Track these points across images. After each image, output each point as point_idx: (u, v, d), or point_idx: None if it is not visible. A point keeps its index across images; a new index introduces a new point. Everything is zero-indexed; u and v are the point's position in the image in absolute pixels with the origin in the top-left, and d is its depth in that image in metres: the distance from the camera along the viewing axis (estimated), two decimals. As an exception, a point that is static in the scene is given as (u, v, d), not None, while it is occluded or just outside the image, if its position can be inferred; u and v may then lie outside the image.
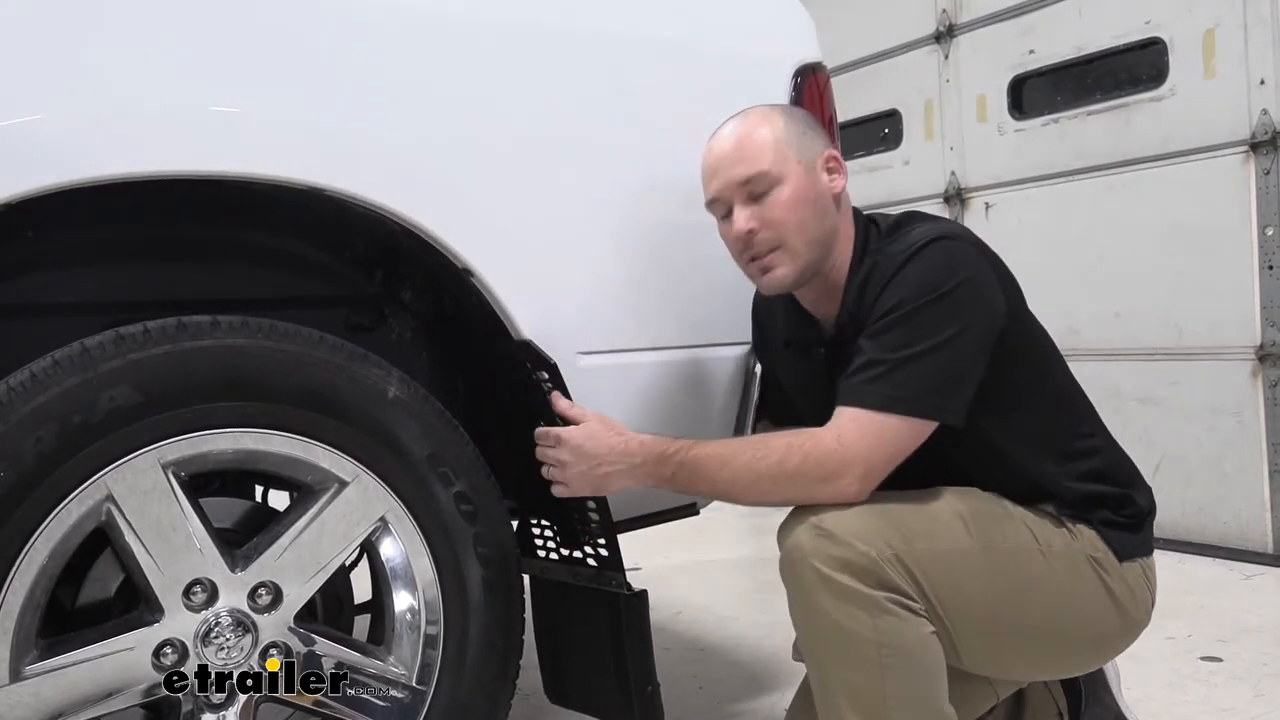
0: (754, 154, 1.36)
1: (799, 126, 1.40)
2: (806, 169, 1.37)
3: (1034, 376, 1.38)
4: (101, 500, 1.13)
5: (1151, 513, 1.43)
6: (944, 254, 1.29)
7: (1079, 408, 1.44)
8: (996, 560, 1.29)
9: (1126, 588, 1.35)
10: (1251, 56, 3.02)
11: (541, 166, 1.41)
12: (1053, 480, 1.36)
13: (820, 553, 1.22)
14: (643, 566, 3.18)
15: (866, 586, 1.21)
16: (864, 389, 1.26)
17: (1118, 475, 1.41)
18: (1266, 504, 3.08)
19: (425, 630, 1.34)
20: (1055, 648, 1.36)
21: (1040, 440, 1.37)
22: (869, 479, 1.26)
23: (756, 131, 1.37)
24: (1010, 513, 1.34)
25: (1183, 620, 2.57)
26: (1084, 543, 1.34)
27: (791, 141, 1.37)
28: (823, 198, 1.39)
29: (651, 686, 1.42)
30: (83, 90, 1.10)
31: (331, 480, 1.27)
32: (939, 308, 1.25)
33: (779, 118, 1.39)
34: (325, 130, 1.24)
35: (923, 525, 1.26)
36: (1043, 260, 3.62)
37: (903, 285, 1.28)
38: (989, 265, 1.32)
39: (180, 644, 1.19)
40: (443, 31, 1.34)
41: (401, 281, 1.54)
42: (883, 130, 4.27)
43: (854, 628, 1.21)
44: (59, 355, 1.11)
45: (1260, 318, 3.06)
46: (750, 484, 1.28)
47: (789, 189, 1.35)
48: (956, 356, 1.26)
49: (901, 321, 1.27)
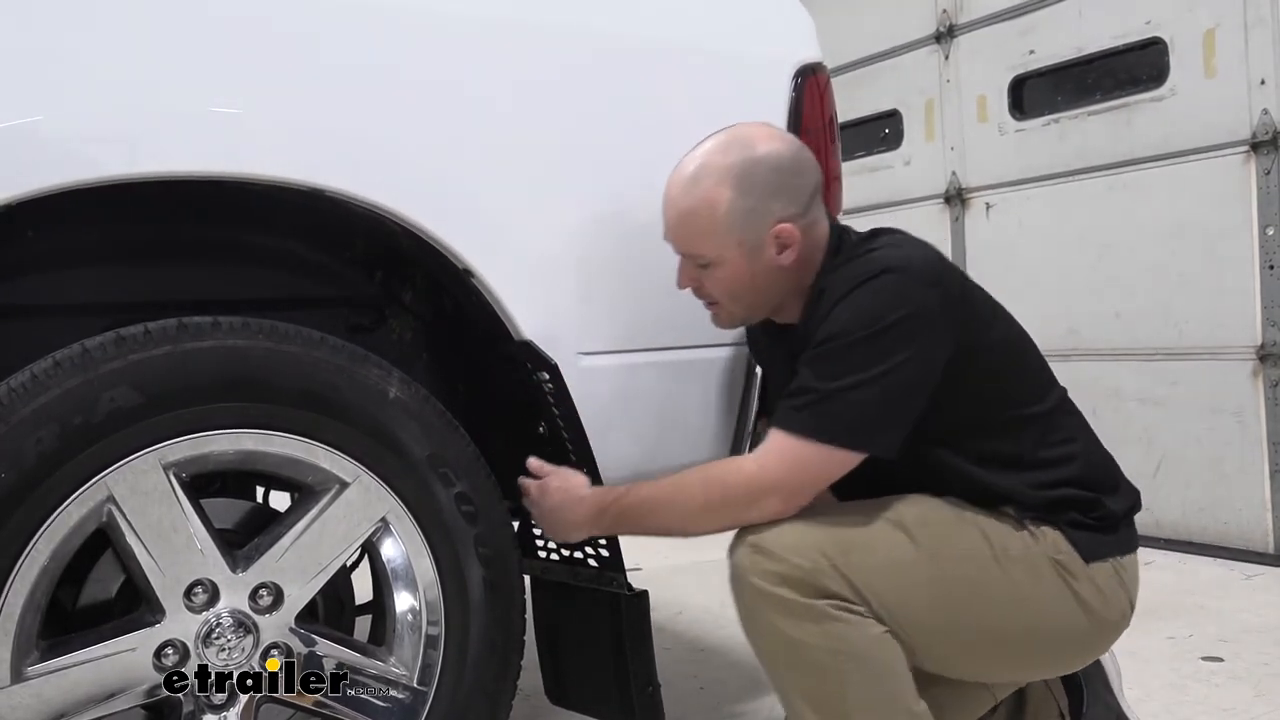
0: (691, 234, 1.36)
1: (750, 201, 1.34)
2: (749, 250, 1.35)
3: (996, 401, 1.35)
4: (102, 501, 1.13)
5: (1129, 513, 1.40)
6: (886, 289, 1.28)
7: (1051, 420, 1.39)
8: (943, 568, 1.29)
9: (1094, 589, 1.32)
10: (1252, 56, 3.02)
11: (541, 167, 1.41)
12: (1014, 489, 1.34)
13: (758, 569, 1.26)
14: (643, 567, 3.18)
15: (806, 597, 1.23)
16: (791, 415, 1.28)
17: (1090, 480, 1.37)
18: (1267, 504, 3.08)
19: (426, 631, 1.34)
20: (1017, 650, 1.34)
21: (1001, 458, 1.35)
22: (791, 501, 1.28)
23: (700, 213, 1.34)
24: (962, 518, 1.33)
25: (1183, 620, 2.57)
26: (1046, 545, 1.32)
27: (735, 223, 1.34)
28: (763, 275, 1.37)
29: (652, 687, 1.42)
30: (83, 91, 1.11)
31: (332, 481, 1.27)
32: (873, 343, 1.25)
33: (728, 191, 1.33)
34: (325, 131, 1.24)
35: (862, 537, 1.28)
36: (1043, 260, 3.62)
37: (841, 317, 1.28)
38: (937, 299, 1.28)
39: (181, 645, 1.19)
40: (442, 32, 1.34)
41: (402, 282, 1.54)
42: (883, 130, 4.27)
43: (802, 638, 1.24)
44: (60, 356, 1.11)
45: (1261, 318, 3.06)
46: (683, 522, 1.33)
47: (726, 271, 1.36)
48: (887, 392, 1.26)
49: (834, 353, 1.28)
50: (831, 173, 1.67)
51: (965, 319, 1.32)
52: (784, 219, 1.35)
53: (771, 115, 1.61)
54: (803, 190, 1.37)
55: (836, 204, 1.69)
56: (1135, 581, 1.39)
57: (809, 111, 1.64)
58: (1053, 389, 1.42)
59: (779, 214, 1.35)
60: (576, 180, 1.44)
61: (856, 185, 4.22)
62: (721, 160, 1.34)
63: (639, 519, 1.35)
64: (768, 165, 1.35)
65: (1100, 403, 3.44)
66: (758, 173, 1.34)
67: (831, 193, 1.67)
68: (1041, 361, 1.44)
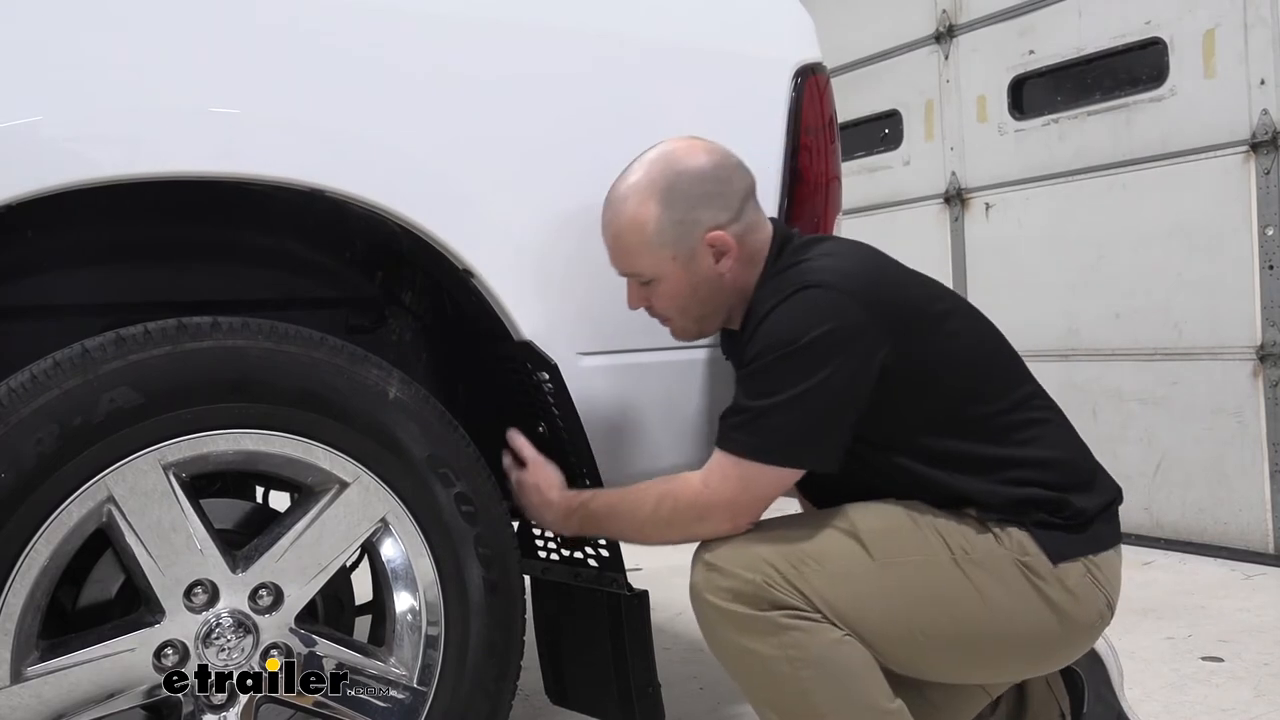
0: (628, 254, 1.38)
1: (677, 213, 1.35)
2: (684, 262, 1.37)
3: (947, 402, 1.34)
4: (102, 501, 1.13)
5: (1105, 510, 1.37)
6: (806, 305, 1.28)
7: (1014, 419, 1.37)
8: (898, 575, 1.29)
9: (1064, 590, 1.31)
10: (1252, 56, 3.02)
11: (541, 167, 1.41)
12: (974, 490, 1.33)
13: (711, 586, 1.29)
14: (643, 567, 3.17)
15: (759, 610, 1.26)
16: (728, 435, 1.31)
17: (1057, 479, 1.35)
18: (1267, 504, 3.08)
19: (426, 631, 1.34)
20: (985, 653, 1.33)
21: (956, 459, 1.34)
22: (739, 519, 1.31)
23: (631, 233, 1.36)
24: (919, 523, 1.32)
25: (1183, 620, 2.57)
26: (1011, 546, 1.31)
27: (665, 239, 1.35)
28: (704, 285, 1.39)
29: (652, 687, 1.43)
30: (83, 91, 1.11)
31: (332, 481, 1.27)
32: (796, 360, 1.26)
33: (653, 208, 1.34)
34: (325, 131, 1.24)
35: (813, 549, 1.29)
36: (1042, 260, 3.62)
37: (763, 335, 1.30)
38: (860, 311, 1.27)
39: (181, 645, 1.19)
40: (442, 32, 1.34)
41: (402, 283, 1.54)
42: (883, 130, 4.27)
43: (761, 649, 1.26)
44: (59, 356, 1.11)
45: (1260, 318, 3.06)
46: (638, 530, 1.37)
47: (667, 285, 1.38)
48: (814, 408, 1.26)
49: (760, 372, 1.29)
50: (831, 173, 1.67)
51: (900, 325, 1.30)
52: (715, 227, 1.36)
53: (771, 115, 1.61)
54: (732, 196, 1.38)
55: (836, 204, 1.69)
56: (1114, 579, 1.37)
57: (809, 111, 1.64)
58: (1018, 386, 1.39)
59: (709, 223, 1.36)
60: (576, 180, 1.44)
61: (856, 185, 4.22)
62: (645, 178, 1.36)
63: (600, 526, 1.40)
64: (691, 176, 1.36)
65: (1100, 403, 3.44)
66: (681, 185, 1.35)
67: (830, 193, 1.67)
68: (1008, 359, 1.42)
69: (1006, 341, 1.44)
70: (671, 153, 1.38)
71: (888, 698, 1.28)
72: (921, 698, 1.43)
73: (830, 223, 1.68)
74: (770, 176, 1.59)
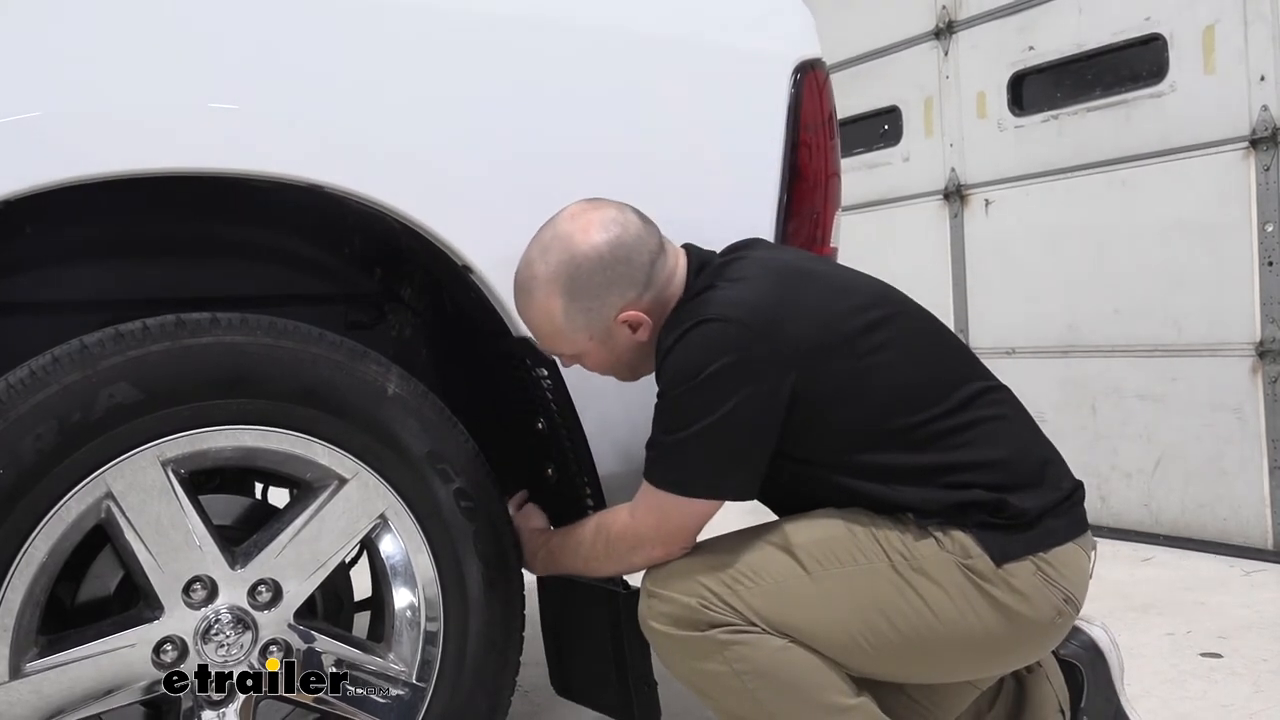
0: (546, 340, 1.37)
1: (584, 302, 1.32)
2: (601, 339, 1.36)
3: (869, 417, 1.31)
4: (101, 498, 1.13)
5: (1055, 508, 1.33)
6: (702, 340, 1.27)
7: (948, 423, 1.33)
8: (835, 585, 1.29)
9: (1010, 590, 1.28)
10: (1252, 53, 3.02)
11: (540, 163, 1.41)
12: (910, 498, 1.30)
13: (654, 613, 1.32)
14: (643, 563, 3.18)
15: (699, 631, 1.28)
16: (649, 468, 1.32)
17: (999, 479, 1.31)
18: (1266, 500, 3.08)
19: (425, 627, 1.34)
20: (934, 656, 1.31)
21: (886, 471, 1.32)
22: (670, 546, 1.33)
23: (544, 324, 1.35)
24: (855, 533, 1.31)
25: (1182, 616, 2.57)
26: (954, 549, 1.29)
27: (578, 325, 1.34)
28: (626, 352, 1.39)
29: (649, 684, 1.43)
30: (81, 87, 1.10)
31: (331, 477, 1.27)
32: (697, 395, 1.26)
33: (559, 300, 1.32)
34: (324, 127, 1.24)
35: (747, 566, 1.30)
36: (1042, 257, 3.62)
37: (665, 372, 1.30)
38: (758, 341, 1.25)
39: (180, 641, 1.19)
40: (442, 28, 1.34)
41: (401, 279, 1.54)
42: (882, 127, 4.27)
43: (708, 668, 1.28)
44: (58, 352, 1.11)
45: (1260, 314, 3.06)
46: (585, 564, 1.39)
47: (591, 360, 1.39)
48: (722, 441, 1.27)
49: (666, 409, 1.30)
50: (830, 169, 1.67)
51: (805, 351, 1.28)
52: (625, 306, 1.34)
53: (771, 111, 1.61)
54: (637, 270, 1.34)
55: (835, 201, 1.69)
56: (1073, 574, 1.33)
57: (808, 107, 1.64)
58: (958, 388, 1.35)
59: (618, 304, 1.34)
60: (576, 176, 1.44)
61: (856, 182, 4.22)
62: (546, 271, 1.32)
63: (559, 565, 1.43)
64: (590, 265, 1.32)
65: (1100, 399, 3.44)
66: (582, 276, 1.32)
67: (830, 189, 1.67)
68: (949, 362, 1.38)
69: (952, 341, 1.42)
70: (568, 238, 1.32)
71: (844, 694, 1.28)
72: (905, 696, 1.43)
73: (829, 219, 1.68)
74: (769, 173, 1.59)
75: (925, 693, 1.44)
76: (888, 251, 4.10)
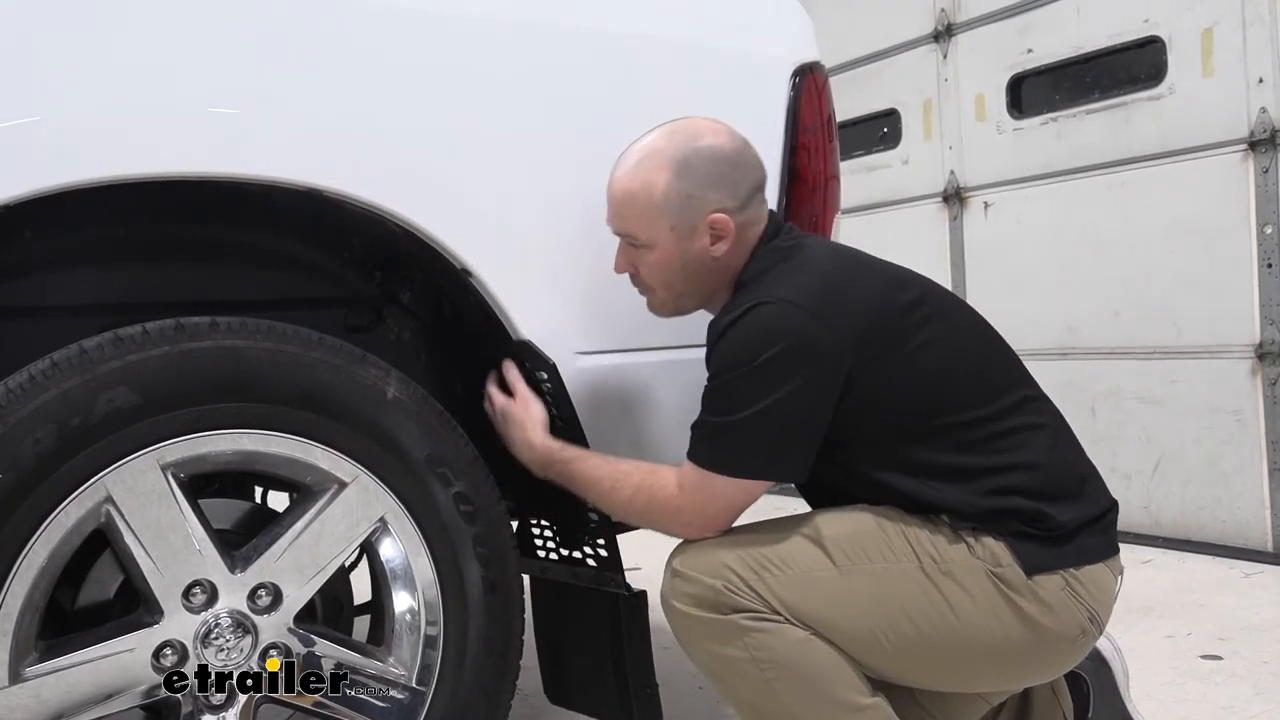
0: (628, 214, 1.38)
1: (688, 186, 1.35)
2: (681, 236, 1.37)
3: (918, 410, 1.32)
4: (100, 502, 1.13)
5: (1090, 524, 1.33)
6: (760, 324, 1.28)
7: (994, 426, 1.34)
8: (862, 581, 1.28)
9: (1038, 602, 1.28)
10: (1250, 55, 3.02)
11: (540, 166, 1.41)
12: (949, 500, 1.31)
13: (677, 593, 1.32)
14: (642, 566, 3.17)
15: (721, 614, 1.27)
16: (696, 448, 1.32)
17: (1038, 489, 1.32)
18: (1266, 502, 3.08)
19: (425, 631, 1.34)
20: (953, 662, 1.31)
21: (930, 468, 1.32)
22: (710, 526, 1.33)
23: (638, 194, 1.36)
24: (887, 531, 1.31)
25: (1182, 619, 2.57)
26: (985, 556, 1.28)
27: (669, 208, 1.35)
28: (694, 262, 1.39)
29: (650, 687, 1.42)
30: (81, 91, 1.10)
31: (331, 481, 1.27)
32: (753, 378, 1.27)
33: (667, 175, 1.35)
34: (323, 131, 1.24)
35: (776, 555, 1.29)
36: (1041, 259, 3.62)
37: (720, 354, 1.31)
38: (816, 325, 1.27)
39: (180, 645, 1.19)
40: (441, 31, 1.34)
41: (400, 282, 1.54)
42: (881, 130, 4.27)
43: (728, 653, 1.28)
44: (57, 357, 1.11)
45: (1259, 316, 3.06)
46: (610, 508, 1.39)
47: (656, 255, 1.38)
48: (776, 423, 1.27)
49: (720, 390, 1.30)
50: (829, 172, 1.67)
51: (862, 339, 1.29)
52: (720, 210, 1.37)
53: (770, 114, 1.61)
54: (741, 184, 1.38)
55: (834, 203, 1.69)
56: (1101, 594, 1.33)
57: (807, 110, 1.64)
58: (1006, 393, 1.36)
59: (715, 204, 1.37)
60: (574, 179, 1.44)
61: (855, 184, 4.22)
62: (664, 147, 1.36)
63: (574, 485, 1.39)
64: (708, 156, 1.37)
65: (1099, 402, 3.44)
66: (698, 162, 1.36)
67: (829, 192, 1.67)
68: (997, 365, 1.39)
69: (1002, 346, 1.42)
70: (694, 129, 1.38)
71: (860, 693, 1.28)
72: (916, 704, 1.43)
73: (828, 222, 1.68)
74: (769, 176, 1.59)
75: (936, 702, 1.43)
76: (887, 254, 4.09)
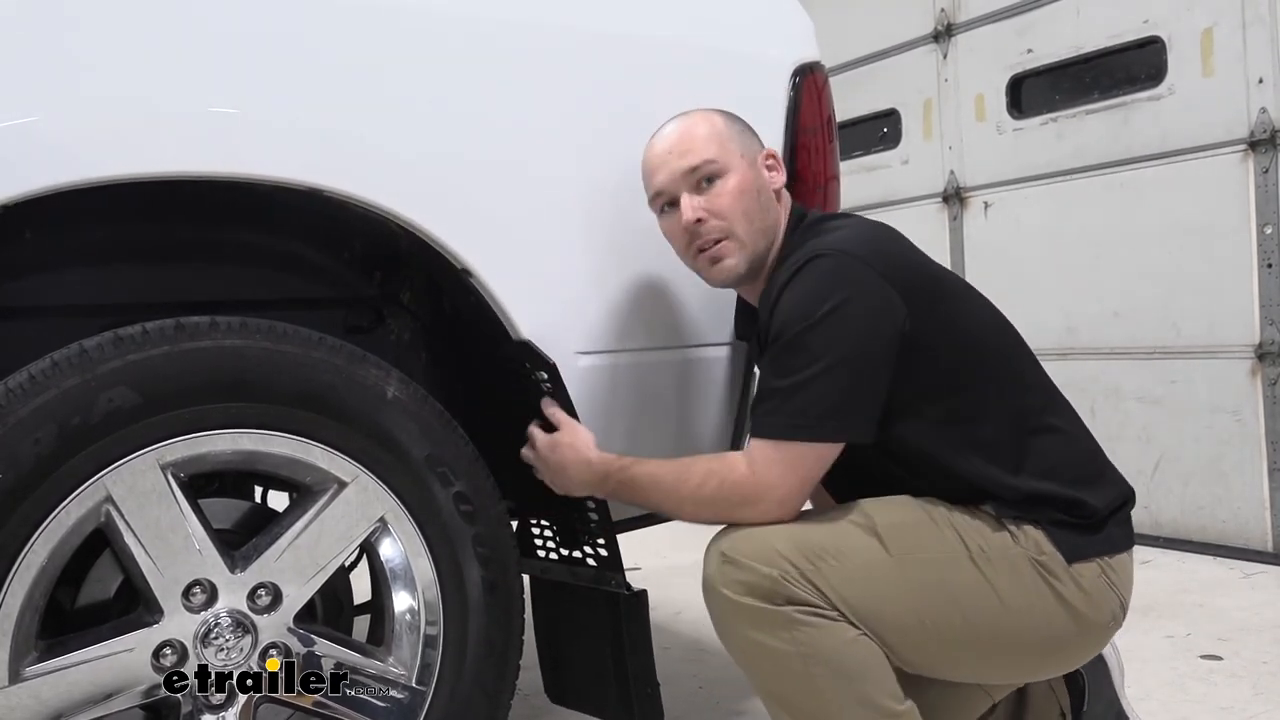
0: (700, 145, 1.40)
1: (739, 125, 1.45)
2: (749, 162, 1.43)
3: (965, 376, 1.34)
4: (100, 502, 1.13)
5: (1118, 511, 1.38)
6: (822, 274, 1.29)
7: (1031, 406, 1.38)
8: (916, 572, 1.28)
9: (1078, 590, 1.31)
10: (1250, 55, 3.02)
11: (539, 167, 1.41)
12: (993, 481, 1.33)
13: (726, 579, 1.27)
14: (642, 566, 3.18)
15: (774, 605, 1.24)
16: (765, 421, 1.29)
17: (1073, 473, 1.35)
18: (1266, 502, 3.08)
19: (425, 631, 1.34)
20: (999, 652, 1.32)
21: (974, 442, 1.33)
22: (787, 504, 1.29)
23: (699, 127, 1.42)
24: (936, 520, 1.31)
25: (1182, 619, 2.57)
26: (1027, 545, 1.31)
27: (733, 136, 1.43)
28: (765, 191, 1.44)
29: (651, 687, 1.42)
30: (81, 91, 1.10)
31: (330, 481, 1.27)
32: (820, 331, 1.26)
33: (718, 116, 1.44)
34: (324, 131, 1.24)
35: (831, 544, 1.28)
36: (1041, 259, 3.62)
37: (783, 312, 1.30)
38: (873, 274, 1.29)
39: (180, 645, 1.19)
40: (440, 32, 1.34)
41: (400, 282, 1.54)
42: (881, 130, 4.28)
43: (773, 644, 1.25)
44: (57, 357, 1.11)
45: (1259, 316, 3.06)
46: (677, 505, 1.35)
47: (734, 178, 1.40)
48: (848, 376, 1.26)
49: (787, 349, 1.29)
50: (829, 172, 1.67)
51: (915, 294, 1.31)
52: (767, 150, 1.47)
53: (770, 114, 1.61)
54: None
55: (834, 204, 1.69)
56: (1127, 582, 1.36)
57: (807, 110, 1.64)
58: (1037, 378, 1.42)
59: (761, 144, 1.47)
60: (574, 180, 1.44)
61: (855, 185, 4.22)
62: (696, 110, 1.45)
63: (638, 493, 1.37)
64: (736, 115, 1.47)
65: (1099, 402, 3.44)
66: (734, 115, 1.46)
67: (829, 192, 1.67)
68: (1026, 354, 1.43)
69: (1021, 339, 1.45)
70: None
71: (897, 699, 1.27)
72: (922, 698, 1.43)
73: (828, 222, 1.67)
74: (768, 175, 1.59)
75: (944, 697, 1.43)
76: (887, 254, 4.11)
